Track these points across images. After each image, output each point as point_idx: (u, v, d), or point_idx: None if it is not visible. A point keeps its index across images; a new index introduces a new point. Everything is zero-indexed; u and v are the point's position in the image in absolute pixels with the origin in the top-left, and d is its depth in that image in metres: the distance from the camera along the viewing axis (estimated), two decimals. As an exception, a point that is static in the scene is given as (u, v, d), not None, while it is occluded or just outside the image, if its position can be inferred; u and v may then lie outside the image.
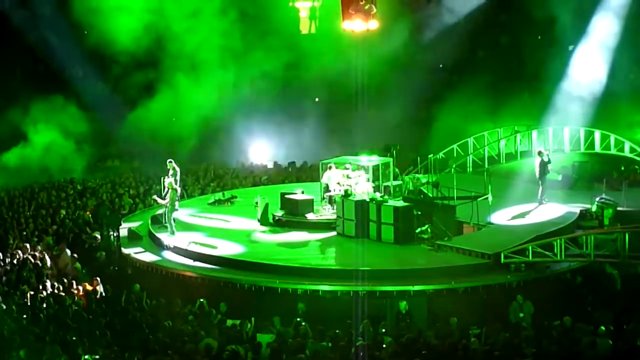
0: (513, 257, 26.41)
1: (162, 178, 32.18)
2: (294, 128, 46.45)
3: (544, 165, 31.94)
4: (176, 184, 31.27)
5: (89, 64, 46.02)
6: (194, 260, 28.44)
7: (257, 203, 32.07)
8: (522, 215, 30.86)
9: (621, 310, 24.53)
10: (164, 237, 30.13)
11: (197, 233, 30.68)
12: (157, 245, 30.22)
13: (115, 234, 30.32)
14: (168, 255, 29.32)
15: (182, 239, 29.72)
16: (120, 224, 30.93)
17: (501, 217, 30.47)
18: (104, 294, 27.22)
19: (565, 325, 23.06)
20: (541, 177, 32.06)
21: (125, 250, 29.89)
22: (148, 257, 29.31)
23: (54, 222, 34.19)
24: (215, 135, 45.86)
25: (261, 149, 48.00)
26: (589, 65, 41.56)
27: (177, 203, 30.81)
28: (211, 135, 45.41)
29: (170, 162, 31.97)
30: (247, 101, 44.82)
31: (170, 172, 31.67)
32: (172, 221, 30.37)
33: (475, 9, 46.09)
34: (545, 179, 32.10)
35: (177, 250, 29.25)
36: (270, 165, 46.24)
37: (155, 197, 31.78)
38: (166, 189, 30.87)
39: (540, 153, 32.35)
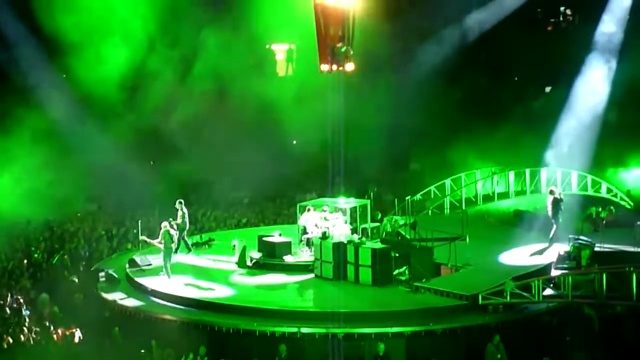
0: (491, 298, 26.47)
1: (138, 221, 32.07)
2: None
3: (556, 204, 31.80)
4: (186, 224, 31.54)
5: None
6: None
7: (234, 245, 32.06)
8: (500, 256, 30.89)
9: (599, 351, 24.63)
10: (144, 280, 29.98)
11: (177, 276, 30.51)
12: (136, 289, 30.08)
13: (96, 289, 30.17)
14: (147, 299, 29.18)
15: (165, 282, 29.67)
16: (99, 281, 30.73)
17: (479, 258, 30.50)
18: (82, 338, 27.12)
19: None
20: (554, 216, 31.76)
21: (103, 295, 29.74)
22: (126, 301, 29.14)
23: (30, 265, 34.01)
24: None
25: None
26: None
27: (173, 245, 30.60)
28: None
29: (180, 202, 31.92)
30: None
31: (179, 213, 31.68)
32: (168, 265, 30.18)
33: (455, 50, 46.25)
34: (559, 217, 31.79)
35: (156, 294, 29.13)
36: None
37: (144, 237, 31.59)
38: (160, 231, 30.67)
39: (552, 192, 32.22)
